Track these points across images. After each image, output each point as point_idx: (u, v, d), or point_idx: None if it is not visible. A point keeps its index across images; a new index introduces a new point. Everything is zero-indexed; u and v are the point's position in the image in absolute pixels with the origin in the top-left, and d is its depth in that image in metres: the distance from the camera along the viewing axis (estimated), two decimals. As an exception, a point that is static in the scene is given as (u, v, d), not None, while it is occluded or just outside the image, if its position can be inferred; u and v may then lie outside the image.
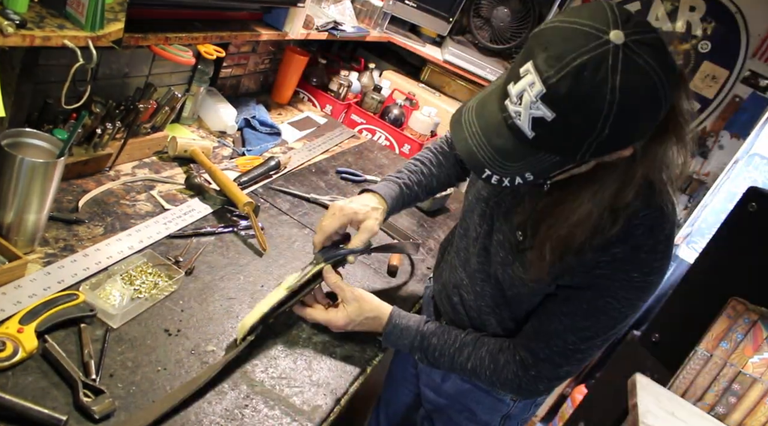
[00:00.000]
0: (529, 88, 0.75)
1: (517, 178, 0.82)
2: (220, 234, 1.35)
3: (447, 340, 1.11)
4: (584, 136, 0.76)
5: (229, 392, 0.97)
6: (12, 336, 0.85)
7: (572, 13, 0.77)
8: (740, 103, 2.57)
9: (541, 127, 0.77)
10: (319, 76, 2.51)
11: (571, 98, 0.73)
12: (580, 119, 0.75)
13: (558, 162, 0.81)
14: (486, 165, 0.82)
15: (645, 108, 0.76)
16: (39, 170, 0.99)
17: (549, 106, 0.75)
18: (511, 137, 0.80)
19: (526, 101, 0.76)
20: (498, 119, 0.81)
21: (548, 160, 0.80)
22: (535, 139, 0.78)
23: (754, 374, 1.80)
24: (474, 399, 1.23)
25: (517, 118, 0.78)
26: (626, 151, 0.83)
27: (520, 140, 0.80)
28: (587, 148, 0.78)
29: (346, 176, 1.94)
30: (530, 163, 0.81)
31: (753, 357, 1.81)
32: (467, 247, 1.15)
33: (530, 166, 0.81)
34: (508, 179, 0.82)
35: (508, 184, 0.82)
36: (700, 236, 2.83)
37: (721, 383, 1.84)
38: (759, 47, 2.49)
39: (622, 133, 0.77)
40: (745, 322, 1.83)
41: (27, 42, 0.95)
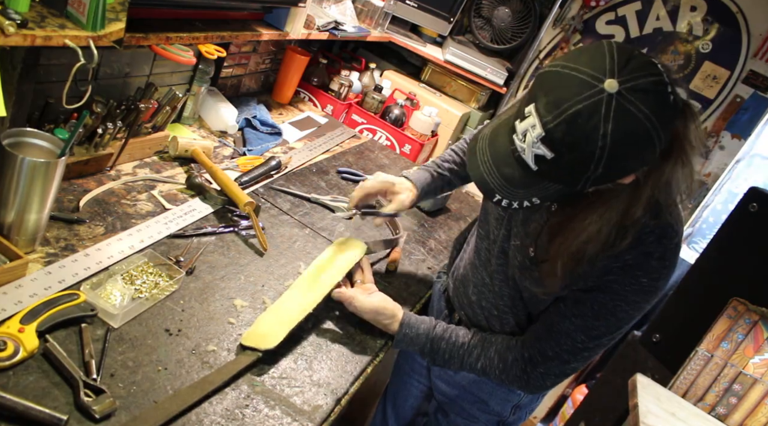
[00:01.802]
0: (531, 130, 0.84)
1: (525, 202, 0.90)
2: (221, 234, 1.35)
3: (455, 343, 1.16)
4: (581, 173, 0.84)
5: (229, 392, 0.97)
6: (13, 335, 0.85)
7: (574, 57, 0.84)
8: (741, 103, 2.57)
9: (543, 163, 0.85)
10: (320, 76, 2.51)
11: (566, 142, 0.81)
12: (575, 160, 0.82)
13: (561, 189, 0.88)
14: (496, 190, 0.91)
15: (636, 150, 0.82)
16: (40, 170, 0.99)
17: (548, 147, 0.83)
18: (518, 167, 0.88)
19: (529, 140, 0.84)
20: (507, 150, 0.89)
21: (552, 188, 0.88)
22: (538, 172, 0.86)
23: (755, 375, 1.80)
24: (486, 390, 1.27)
25: (522, 153, 0.86)
26: (627, 179, 0.89)
27: (526, 171, 0.88)
28: (585, 181, 0.85)
29: (346, 176, 1.94)
30: (536, 190, 0.89)
31: (754, 357, 1.81)
32: (488, 248, 1.20)
33: (536, 192, 0.89)
34: (517, 203, 0.90)
35: (517, 206, 0.91)
36: (701, 237, 2.83)
37: (722, 384, 1.84)
38: (760, 47, 2.49)
39: (614, 170, 0.84)
40: (746, 323, 1.83)
41: (28, 41, 0.95)
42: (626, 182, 0.90)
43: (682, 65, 2.63)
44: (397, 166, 2.24)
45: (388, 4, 2.59)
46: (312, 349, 1.14)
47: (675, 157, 0.88)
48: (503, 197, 0.90)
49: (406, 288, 1.48)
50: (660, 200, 0.92)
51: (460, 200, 2.17)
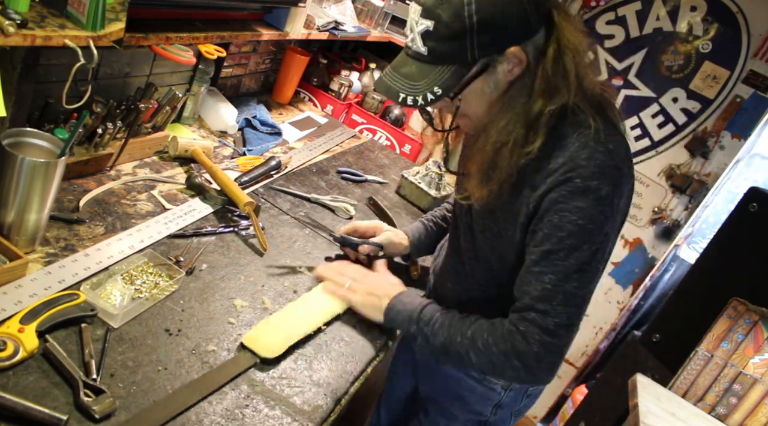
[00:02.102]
0: (414, 15, 0.96)
1: (428, 95, 0.98)
2: (221, 234, 1.35)
3: (451, 316, 1.12)
4: (460, 30, 0.93)
5: (229, 392, 0.97)
6: (13, 335, 0.85)
7: None
8: (741, 103, 2.57)
9: (428, 38, 0.95)
10: (320, 76, 2.51)
11: (438, 2, 0.92)
12: (449, 16, 0.92)
13: (456, 71, 0.97)
14: (400, 90, 1.00)
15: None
16: (40, 170, 0.99)
17: (426, 18, 0.94)
18: (414, 62, 0.99)
19: (412, 25, 0.97)
20: (403, 56, 1.02)
21: (447, 71, 0.97)
22: (429, 54, 0.97)
23: (755, 375, 1.80)
24: (466, 387, 1.25)
25: (413, 45, 0.98)
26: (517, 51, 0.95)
27: (421, 61, 0.98)
28: (470, 43, 0.94)
29: (346, 176, 1.94)
30: (434, 79, 0.97)
31: (754, 357, 1.81)
32: (456, 233, 1.23)
33: (435, 81, 0.97)
34: (421, 96, 0.98)
35: (422, 102, 0.98)
36: (701, 237, 2.83)
37: (722, 384, 1.84)
38: (760, 47, 2.49)
39: (491, 22, 0.92)
40: (746, 323, 1.83)
41: (28, 41, 0.95)
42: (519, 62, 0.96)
43: (682, 65, 2.63)
44: (397, 166, 2.24)
45: (388, 4, 2.59)
46: (312, 349, 1.14)
47: (556, 36, 0.97)
48: (407, 95, 0.98)
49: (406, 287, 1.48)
50: (559, 86, 0.97)
51: (460, 200, 2.17)
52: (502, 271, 1.12)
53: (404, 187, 1.98)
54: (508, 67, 0.97)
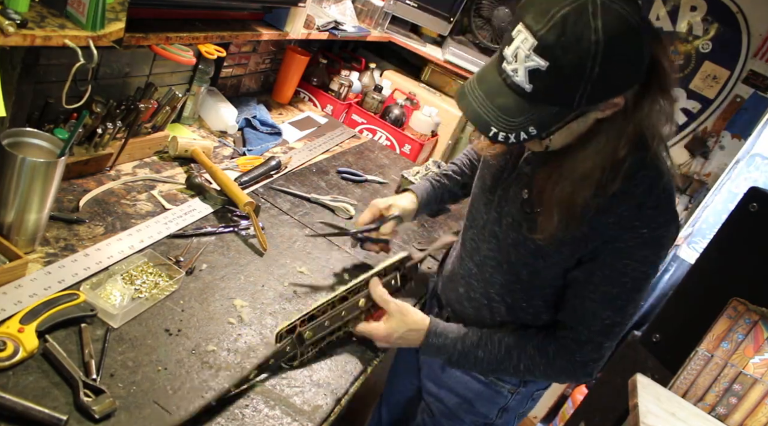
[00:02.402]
0: (522, 45, 0.84)
1: (521, 134, 0.88)
2: (221, 234, 1.35)
3: (491, 349, 1.12)
4: (577, 78, 0.83)
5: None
6: (13, 336, 0.85)
7: None
8: (741, 103, 2.57)
9: (537, 78, 0.84)
10: (320, 75, 2.51)
11: (560, 44, 0.81)
12: (570, 62, 0.82)
13: (557, 113, 0.88)
14: (491, 123, 0.88)
15: (628, 46, 0.84)
16: (40, 170, 0.99)
17: (541, 56, 0.83)
18: (511, 94, 0.88)
19: (521, 57, 0.85)
20: (498, 81, 0.89)
21: (548, 112, 0.87)
22: (533, 92, 0.86)
23: (755, 375, 1.80)
24: (472, 390, 1.25)
25: (515, 76, 0.86)
26: (618, 99, 0.89)
27: (521, 95, 0.87)
28: (582, 91, 0.84)
29: (346, 176, 1.94)
30: (532, 117, 0.87)
31: (754, 357, 1.81)
32: (474, 237, 1.19)
33: (532, 120, 0.87)
34: (514, 135, 0.88)
35: (514, 140, 0.88)
36: (701, 237, 2.83)
37: (722, 384, 1.84)
38: (760, 47, 2.49)
39: (611, 74, 0.84)
40: (746, 323, 1.83)
41: (28, 41, 0.95)
42: (617, 105, 0.90)
43: (682, 65, 2.63)
44: (397, 166, 2.24)
45: (388, 4, 2.59)
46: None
47: (656, 83, 0.91)
48: (499, 130, 0.88)
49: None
50: (645, 133, 0.94)
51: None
52: (530, 284, 1.11)
53: (404, 187, 1.98)
54: (604, 110, 0.92)
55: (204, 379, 0.97)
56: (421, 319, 1.15)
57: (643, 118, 0.92)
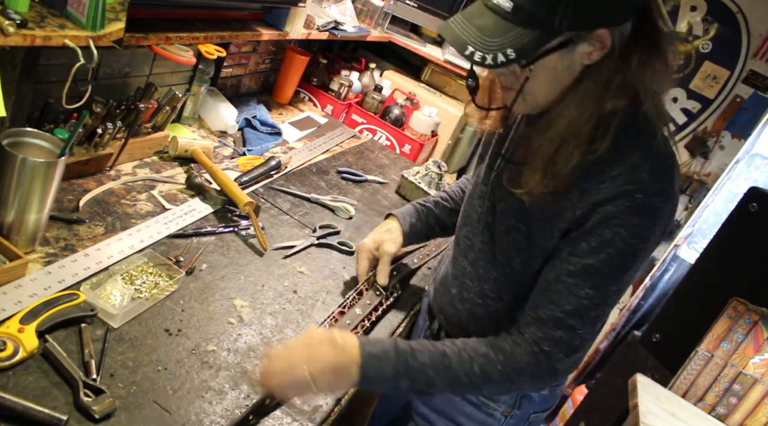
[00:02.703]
0: None
1: (499, 55, 0.85)
2: (221, 234, 1.35)
3: (434, 352, 0.96)
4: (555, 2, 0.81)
5: (229, 392, 0.97)
6: (13, 336, 0.85)
7: None
8: (741, 103, 2.57)
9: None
10: (320, 75, 2.51)
11: None
12: None
13: (537, 37, 0.85)
14: (468, 42, 0.86)
15: None
16: (40, 170, 0.99)
17: None
18: (491, 15, 0.86)
19: None
20: (479, 5, 0.88)
21: (528, 35, 0.84)
22: (513, 12, 0.84)
23: (755, 375, 1.80)
24: (463, 413, 1.18)
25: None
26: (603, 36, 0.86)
27: (501, 16, 0.85)
28: (562, 13, 0.82)
29: (346, 176, 1.94)
30: (511, 39, 0.85)
31: (754, 357, 1.81)
32: (468, 234, 1.14)
33: (511, 41, 0.85)
34: (491, 56, 0.85)
35: (491, 61, 0.85)
36: (701, 237, 2.83)
37: (722, 384, 1.84)
38: (760, 47, 2.49)
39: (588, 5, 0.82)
40: (746, 323, 1.83)
41: (28, 41, 0.95)
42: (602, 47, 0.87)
43: (682, 65, 2.63)
44: (397, 166, 2.24)
45: (388, 4, 2.59)
46: (312, 349, 1.14)
47: (646, 37, 0.87)
48: (476, 49, 0.85)
49: (406, 288, 1.48)
50: (637, 86, 0.89)
51: (460, 200, 2.17)
52: (523, 276, 1.04)
53: (404, 187, 1.98)
54: (588, 49, 0.87)
55: (204, 379, 0.97)
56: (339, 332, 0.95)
57: (632, 69, 0.88)
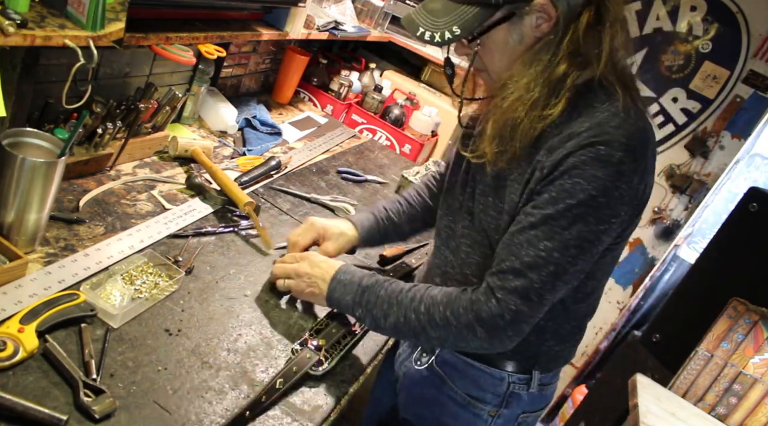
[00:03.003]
0: None
1: (446, 33, 0.94)
2: (221, 234, 1.35)
3: (393, 289, 1.05)
4: None
5: (229, 392, 0.97)
6: (13, 336, 0.85)
7: None
8: (741, 103, 2.57)
9: None
10: (320, 76, 2.51)
11: None
12: None
13: (479, 13, 0.92)
14: (420, 24, 0.96)
15: None
16: (40, 170, 0.99)
17: None
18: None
19: None
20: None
21: (470, 12, 0.93)
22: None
23: (755, 375, 1.80)
24: (449, 414, 1.16)
25: None
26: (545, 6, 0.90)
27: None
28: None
29: (346, 176, 1.94)
30: (455, 18, 0.93)
31: (754, 357, 1.81)
32: (449, 223, 1.14)
33: (455, 20, 0.93)
34: (439, 34, 0.94)
35: (439, 39, 0.94)
36: (701, 237, 2.83)
37: (722, 384, 1.84)
38: (760, 47, 2.49)
39: None
40: (746, 323, 1.83)
41: (28, 41, 0.95)
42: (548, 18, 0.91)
43: (682, 65, 2.63)
44: (397, 166, 2.24)
45: (388, 4, 2.59)
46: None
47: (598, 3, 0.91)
48: (425, 30, 0.95)
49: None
50: (589, 53, 0.92)
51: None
52: None
53: (404, 187, 1.98)
54: (535, 21, 0.93)
55: (204, 379, 0.97)
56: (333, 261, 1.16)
57: (579, 34, 0.91)
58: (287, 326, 1.17)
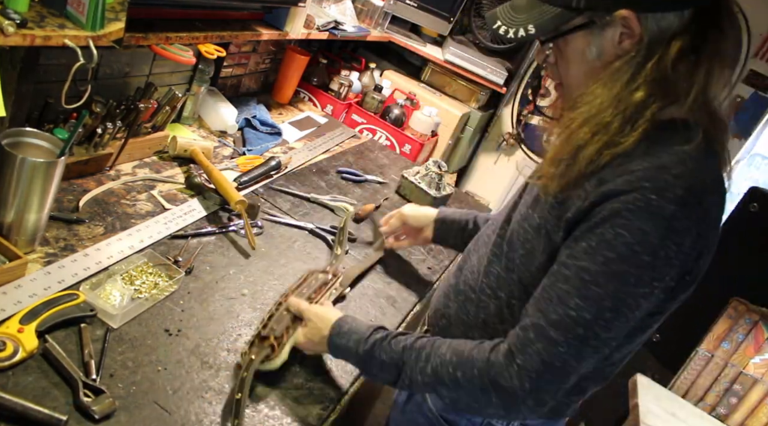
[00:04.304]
0: None
1: (520, 30, 0.90)
2: (221, 234, 1.35)
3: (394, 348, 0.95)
4: None
5: (229, 392, 0.97)
6: (12, 336, 0.85)
7: None
8: (741, 103, 2.57)
9: None
10: (320, 75, 2.51)
11: None
12: None
13: (558, 15, 0.87)
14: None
15: None
16: (40, 170, 0.99)
17: None
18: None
19: None
20: None
21: (550, 12, 0.88)
22: None
23: (756, 375, 1.80)
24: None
25: None
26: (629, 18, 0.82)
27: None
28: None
29: (346, 176, 1.94)
30: (534, 16, 0.89)
31: (754, 357, 1.81)
32: (489, 231, 1.09)
33: (533, 18, 0.89)
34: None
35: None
36: (701, 236, 2.83)
37: (722, 384, 1.84)
38: (760, 47, 2.49)
39: None
40: (747, 323, 1.83)
41: (28, 41, 0.95)
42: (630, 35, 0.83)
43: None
44: (397, 166, 2.24)
45: (388, 4, 2.59)
46: (312, 349, 1.14)
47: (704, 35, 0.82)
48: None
49: (406, 287, 1.48)
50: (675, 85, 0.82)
51: (460, 200, 2.17)
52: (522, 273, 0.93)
53: (404, 187, 1.98)
54: (616, 34, 0.84)
55: (204, 379, 0.97)
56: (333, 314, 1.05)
57: (668, 62, 0.81)
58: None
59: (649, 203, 0.76)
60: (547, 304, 0.83)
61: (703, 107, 0.84)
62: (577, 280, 0.80)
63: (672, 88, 0.82)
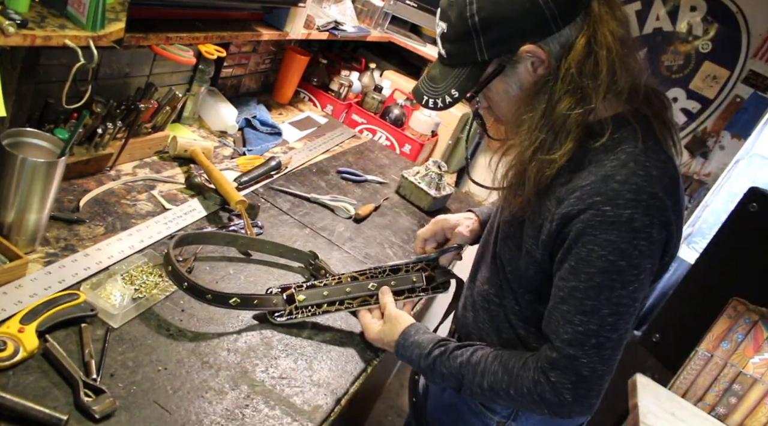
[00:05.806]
0: (436, 18, 0.96)
1: (446, 97, 0.98)
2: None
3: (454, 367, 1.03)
4: (466, 31, 0.91)
5: (229, 392, 0.97)
6: (13, 335, 0.85)
7: None
8: (741, 103, 2.57)
9: (446, 41, 0.95)
10: (320, 76, 2.51)
11: (448, 3, 0.93)
12: (456, 17, 0.91)
13: (471, 73, 0.95)
14: (424, 93, 1.00)
15: None
16: (40, 170, 0.99)
17: (441, 20, 0.95)
18: (438, 65, 1.00)
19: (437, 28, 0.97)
20: (435, 60, 1.02)
21: (463, 73, 0.96)
22: (447, 57, 0.97)
23: (755, 375, 1.80)
24: (463, 420, 1.16)
25: (438, 48, 0.98)
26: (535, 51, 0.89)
27: (443, 63, 0.99)
28: (478, 43, 0.91)
29: (346, 176, 1.94)
30: (451, 81, 0.97)
31: (754, 357, 1.81)
32: (488, 238, 1.16)
33: (452, 83, 0.97)
34: (440, 99, 0.98)
35: (441, 104, 0.98)
36: (701, 237, 2.83)
37: (722, 383, 1.84)
38: (760, 47, 2.49)
39: (493, 21, 0.89)
40: (746, 323, 1.83)
41: (28, 42, 0.95)
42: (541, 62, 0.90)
43: (682, 65, 2.63)
44: (397, 166, 2.24)
45: (388, 4, 2.59)
46: (312, 349, 1.14)
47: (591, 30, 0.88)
48: (429, 97, 0.99)
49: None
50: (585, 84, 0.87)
51: (460, 200, 2.17)
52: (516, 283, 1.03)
53: (404, 187, 1.98)
54: (528, 66, 0.92)
55: (204, 379, 0.97)
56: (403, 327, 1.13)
57: (573, 67, 0.87)
58: (288, 326, 1.17)
59: (606, 215, 0.85)
60: (556, 325, 0.92)
61: (628, 93, 0.91)
62: (572, 300, 0.89)
63: (586, 91, 0.88)
